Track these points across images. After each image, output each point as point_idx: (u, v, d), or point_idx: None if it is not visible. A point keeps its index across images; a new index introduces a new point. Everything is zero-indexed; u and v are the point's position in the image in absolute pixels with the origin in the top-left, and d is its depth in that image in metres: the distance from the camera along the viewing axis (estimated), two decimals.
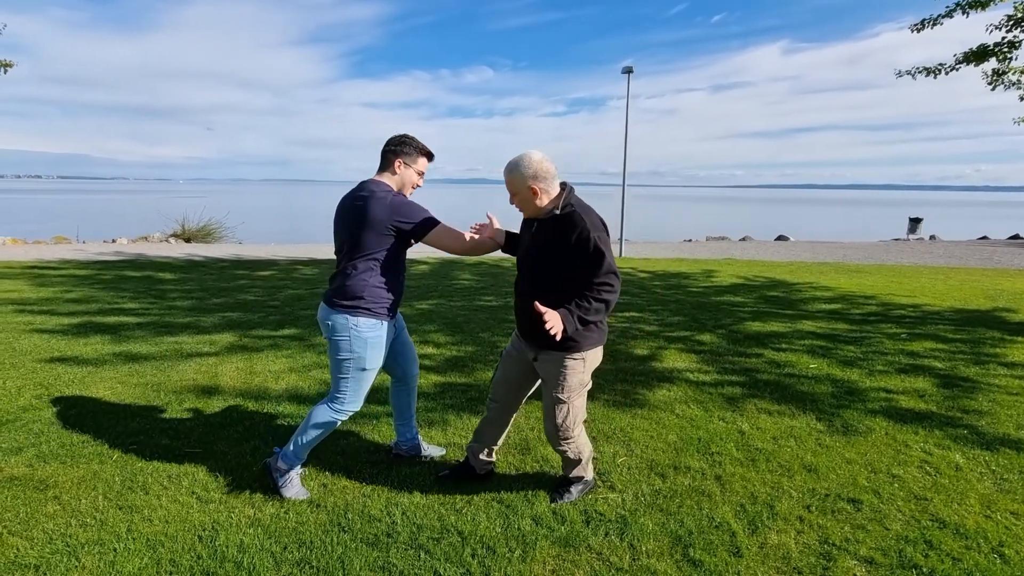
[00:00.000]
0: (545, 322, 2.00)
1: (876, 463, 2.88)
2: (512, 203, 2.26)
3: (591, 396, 3.60)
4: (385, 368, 2.65)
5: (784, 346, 5.06)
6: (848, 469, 2.81)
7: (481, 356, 4.63)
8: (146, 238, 15.15)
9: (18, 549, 2.10)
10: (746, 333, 5.53)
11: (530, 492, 2.53)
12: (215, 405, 3.49)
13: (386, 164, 2.39)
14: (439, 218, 2.40)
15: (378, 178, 2.39)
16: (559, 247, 2.14)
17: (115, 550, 2.10)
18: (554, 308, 2.09)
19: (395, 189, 2.38)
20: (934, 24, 7.39)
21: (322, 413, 2.44)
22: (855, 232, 27.57)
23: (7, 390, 3.66)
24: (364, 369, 2.39)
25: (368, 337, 2.35)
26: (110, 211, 40.53)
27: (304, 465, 2.66)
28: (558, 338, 2.04)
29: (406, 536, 2.23)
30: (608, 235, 2.21)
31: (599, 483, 2.63)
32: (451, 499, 2.48)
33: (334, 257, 2.49)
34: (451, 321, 5.84)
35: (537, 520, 2.34)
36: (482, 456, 2.59)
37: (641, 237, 19.50)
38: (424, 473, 2.70)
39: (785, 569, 2.08)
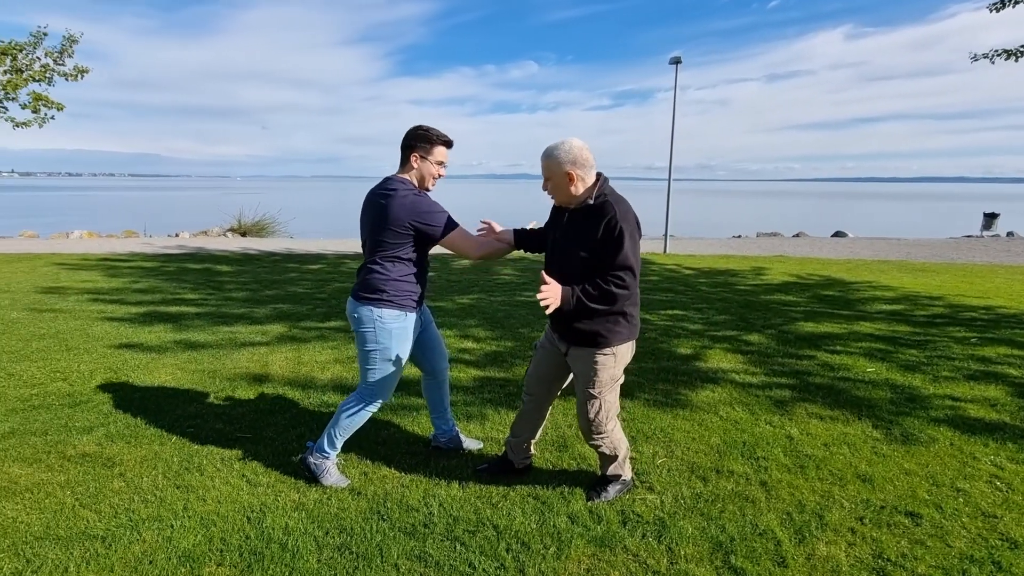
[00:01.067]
0: (545, 288, 2.03)
1: (939, 475, 2.70)
2: (544, 188, 2.26)
3: (631, 395, 3.54)
4: (414, 362, 2.69)
5: (839, 348, 4.81)
6: (907, 481, 2.65)
7: (520, 351, 4.63)
8: (206, 232, 16.00)
9: (88, 520, 2.27)
10: (797, 334, 5.30)
11: (566, 489, 2.52)
12: (265, 393, 3.64)
13: (404, 160, 2.42)
14: (479, 214, 2.42)
15: (400, 175, 2.42)
16: (590, 236, 2.13)
17: (172, 526, 2.24)
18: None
19: (416, 184, 2.41)
20: (1016, 3, 6.83)
21: (353, 406, 2.51)
22: (921, 228, 25.87)
23: (81, 373, 3.95)
24: (391, 360, 2.43)
25: (393, 328, 2.40)
26: (174, 207, 42.95)
27: (343, 453, 2.74)
28: (548, 311, 2.05)
29: (443, 527, 2.26)
30: (639, 232, 2.18)
31: (637, 483, 2.59)
32: (487, 493, 2.50)
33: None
34: (491, 316, 5.87)
35: (573, 518, 2.32)
36: (520, 449, 2.60)
37: (687, 233, 18.99)
38: (462, 466, 2.73)
39: None
